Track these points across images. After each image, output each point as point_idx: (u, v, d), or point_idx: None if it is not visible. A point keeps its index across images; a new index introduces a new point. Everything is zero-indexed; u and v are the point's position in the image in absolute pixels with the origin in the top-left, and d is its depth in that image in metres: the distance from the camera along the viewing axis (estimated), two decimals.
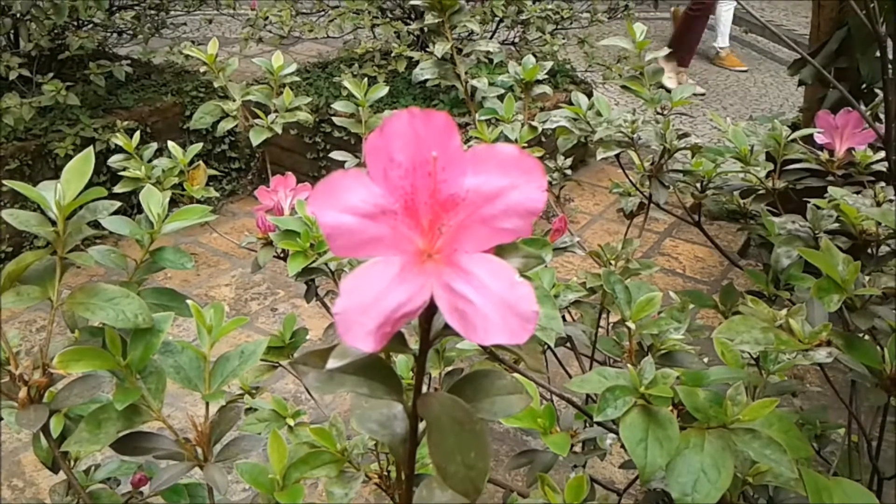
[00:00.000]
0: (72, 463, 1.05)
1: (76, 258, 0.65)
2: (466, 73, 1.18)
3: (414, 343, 0.41)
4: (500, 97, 1.19)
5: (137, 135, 1.37)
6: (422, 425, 0.45)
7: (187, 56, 3.08)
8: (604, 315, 1.12)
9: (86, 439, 0.60)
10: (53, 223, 0.65)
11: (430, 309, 0.39)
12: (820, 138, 1.22)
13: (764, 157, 1.23)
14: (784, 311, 0.79)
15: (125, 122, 2.86)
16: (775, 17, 6.42)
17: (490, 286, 0.34)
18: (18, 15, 2.63)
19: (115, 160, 1.32)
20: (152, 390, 0.65)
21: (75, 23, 2.90)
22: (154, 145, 1.35)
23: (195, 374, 0.68)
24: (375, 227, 0.35)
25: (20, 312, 2.55)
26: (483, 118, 1.08)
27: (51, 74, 2.72)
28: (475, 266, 0.35)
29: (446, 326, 0.40)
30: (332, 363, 0.37)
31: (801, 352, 0.76)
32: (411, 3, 1.21)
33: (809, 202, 1.06)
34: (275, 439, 0.67)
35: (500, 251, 0.37)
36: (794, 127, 1.24)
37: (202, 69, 1.54)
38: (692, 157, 1.23)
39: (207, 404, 0.68)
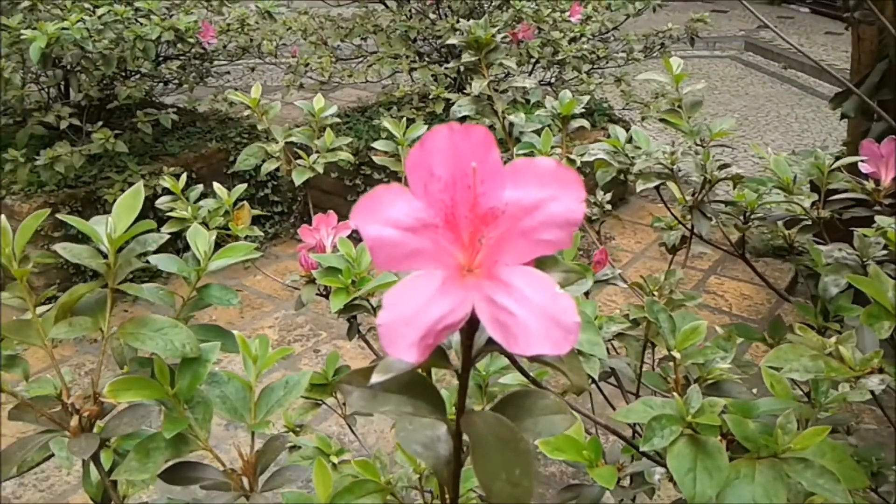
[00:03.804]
0: (121, 500, 1.06)
1: (126, 289, 0.66)
2: (503, 110, 1.19)
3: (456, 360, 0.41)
4: (538, 132, 1.20)
5: (184, 177, 1.41)
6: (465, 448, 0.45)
7: (231, 103, 3.16)
8: (650, 351, 1.10)
9: (135, 468, 0.61)
10: (105, 256, 0.67)
11: (473, 325, 0.39)
12: (865, 167, 1.20)
13: (808, 187, 1.21)
14: (833, 339, 0.77)
15: (171, 168, 2.93)
16: (815, 52, 6.39)
17: (531, 298, 0.34)
18: (69, 66, 2.73)
19: (162, 201, 1.35)
20: (199, 420, 0.65)
21: (123, 73, 3.00)
22: (200, 187, 1.38)
23: (241, 405, 0.69)
24: (417, 240, 0.35)
25: (70, 355, 2.60)
26: (521, 152, 1.09)
27: (100, 123, 2.81)
28: (516, 278, 0.35)
29: (489, 342, 0.40)
30: (376, 377, 0.37)
31: (852, 380, 0.74)
32: (448, 42, 1.23)
33: (856, 231, 1.04)
34: (320, 468, 0.67)
35: (541, 265, 0.37)
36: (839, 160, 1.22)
37: (246, 114, 1.58)
38: (734, 188, 1.22)
39: (253, 434, 0.69)
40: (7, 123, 2.83)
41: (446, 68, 2.90)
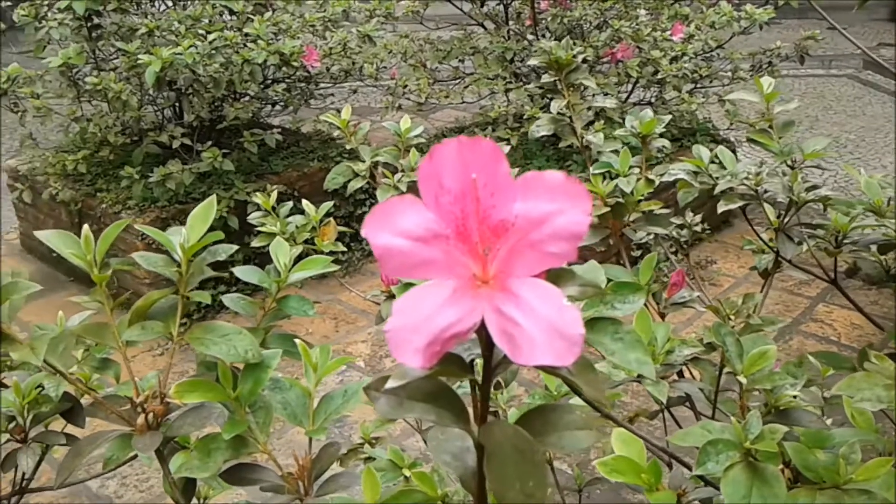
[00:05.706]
0: (201, 501, 1.11)
1: (196, 296, 0.70)
2: (584, 128, 1.19)
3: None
4: (618, 151, 1.19)
5: (275, 193, 1.46)
6: None
7: (332, 124, 3.26)
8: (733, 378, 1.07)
9: (196, 466, 0.65)
10: (179, 264, 0.71)
11: (492, 337, 0.40)
12: None
13: None
14: None
15: (275, 186, 3.05)
16: None
17: (538, 309, 0.35)
18: (182, 89, 2.89)
19: (254, 217, 1.41)
20: (260, 423, 0.68)
21: (232, 95, 3.14)
22: (289, 203, 1.44)
23: (301, 411, 0.71)
24: (428, 250, 0.36)
25: (176, 362, 2.72)
26: (598, 171, 1.09)
27: (209, 142, 2.96)
28: (525, 290, 0.36)
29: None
30: (391, 383, 0.38)
31: None
32: (530, 63, 1.24)
33: None
34: (368, 476, 0.68)
35: (557, 279, 0.38)
36: None
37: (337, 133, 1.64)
38: (823, 210, 1.18)
39: (311, 440, 0.71)
40: (125, 142, 3.01)
41: (535, 86, 2.91)
